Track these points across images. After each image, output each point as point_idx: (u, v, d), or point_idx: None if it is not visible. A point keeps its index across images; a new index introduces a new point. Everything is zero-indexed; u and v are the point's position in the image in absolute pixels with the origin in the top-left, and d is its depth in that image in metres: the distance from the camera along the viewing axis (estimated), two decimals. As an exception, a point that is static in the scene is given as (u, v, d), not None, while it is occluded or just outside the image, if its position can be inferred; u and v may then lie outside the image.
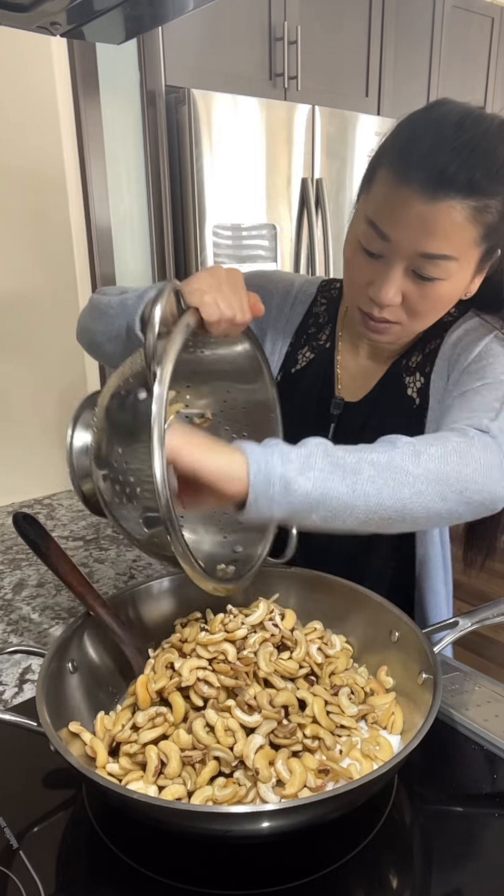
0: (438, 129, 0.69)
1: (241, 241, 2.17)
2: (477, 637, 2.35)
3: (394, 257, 0.72)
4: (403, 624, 0.68)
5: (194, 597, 0.76)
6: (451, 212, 0.68)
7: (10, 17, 0.82)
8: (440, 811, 0.59)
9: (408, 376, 0.90)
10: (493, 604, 0.70)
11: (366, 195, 0.76)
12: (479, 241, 0.71)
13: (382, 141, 0.74)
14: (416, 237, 0.69)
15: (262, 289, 0.90)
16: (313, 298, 0.95)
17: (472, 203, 0.68)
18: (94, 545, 1.12)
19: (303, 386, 0.92)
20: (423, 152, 0.68)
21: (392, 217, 0.70)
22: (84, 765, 0.49)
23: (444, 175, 0.66)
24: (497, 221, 0.71)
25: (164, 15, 0.85)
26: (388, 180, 0.71)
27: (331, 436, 0.90)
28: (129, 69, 1.95)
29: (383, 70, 2.63)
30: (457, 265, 0.71)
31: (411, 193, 0.68)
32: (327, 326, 0.94)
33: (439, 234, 0.69)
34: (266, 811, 0.47)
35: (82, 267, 1.99)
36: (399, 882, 0.53)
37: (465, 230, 0.69)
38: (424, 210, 0.68)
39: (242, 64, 2.16)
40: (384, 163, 0.72)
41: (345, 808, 0.51)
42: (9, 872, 0.52)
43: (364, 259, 0.75)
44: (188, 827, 0.49)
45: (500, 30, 3.12)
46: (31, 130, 1.91)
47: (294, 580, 0.77)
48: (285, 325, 0.94)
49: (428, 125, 0.70)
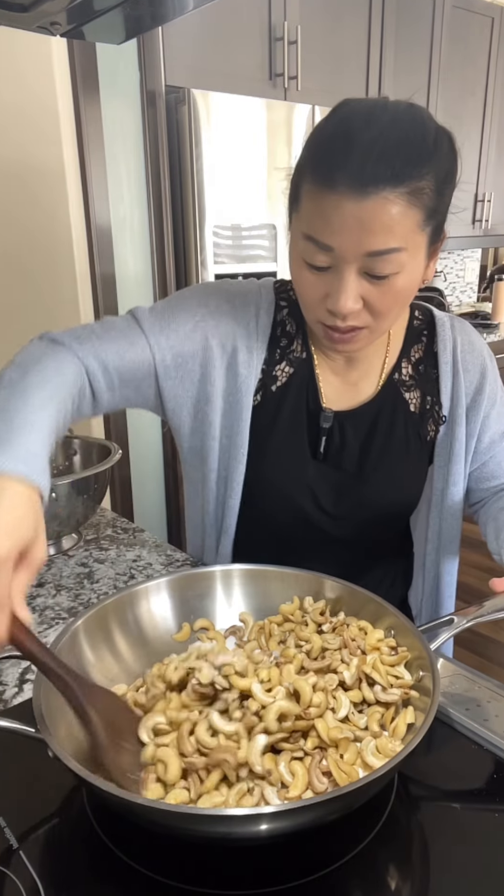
0: (347, 129, 0.68)
1: (241, 241, 2.17)
2: (477, 637, 2.35)
3: (342, 265, 0.71)
4: (400, 622, 0.68)
5: (192, 597, 0.77)
6: (385, 204, 0.67)
7: (10, 17, 0.82)
8: (440, 811, 0.59)
9: (405, 391, 0.91)
10: (489, 601, 0.70)
11: (296, 214, 0.75)
12: (422, 224, 0.70)
13: (298, 158, 0.74)
14: (358, 239, 0.68)
15: (217, 308, 0.88)
16: (275, 304, 0.91)
17: (404, 190, 0.67)
18: (94, 545, 1.12)
19: (288, 403, 0.89)
20: (340, 155, 0.67)
21: (328, 226, 0.69)
22: (84, 769, 0.49)
23: (366, 172, 0.66)
24: (434, 200, 0.70)
25: (164, 15, 0.85)
26: (314, 192, 0.70)
27: (322, 448, 0.90)
28: (129, 69, 1.95)
29: (383, 70, 2.63)
30: (407, 255, 0.71)
31: (340, 198, 0.67)
32: (298, 335, 0.90)
33: (380, 230, 0.68)
34: (267, 813, 0.47)
35: (82, 267, 1.99)
36: (399, 882, 0.53)
37: (406, 218, 0.68)
38: (358, 210, 0.67)
39: (242, 64, 2.16)
40: (305, 177, 0.71)
41: (345, 809, 0.51)
42: (9, 872, 0.52)
43: (313, 275, 0.74)
44: (188, 830, 0.49)
45: (500, 30, 3.13)
46: (32, 130, 1.91)
47: (291, 580, 0.77)
48: (256, 343, 0.88)
49: (336, 129, 0.70)
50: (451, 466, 0.92)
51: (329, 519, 0.92)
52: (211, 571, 0.78)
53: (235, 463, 0.90)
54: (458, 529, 0.97)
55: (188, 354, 0.86)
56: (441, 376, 0.91)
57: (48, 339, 0.83)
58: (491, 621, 0.70)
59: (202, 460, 0.93)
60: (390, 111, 0.69)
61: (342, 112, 0.71)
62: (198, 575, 0.78)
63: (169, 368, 0.86)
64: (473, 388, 0.91)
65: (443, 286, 3.88)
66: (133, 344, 0.84)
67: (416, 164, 0.67)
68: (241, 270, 2.20)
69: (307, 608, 0.74)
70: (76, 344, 0.82)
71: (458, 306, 4.12)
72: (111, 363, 0.83)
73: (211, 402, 0.88)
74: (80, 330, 0.85)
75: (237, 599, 0.78)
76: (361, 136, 0.66)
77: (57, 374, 0.75)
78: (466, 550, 1.09)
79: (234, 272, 2.20)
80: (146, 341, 0.85)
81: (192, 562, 1.04)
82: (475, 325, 3.43)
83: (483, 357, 0.93)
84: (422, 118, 0.70)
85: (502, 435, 0.94)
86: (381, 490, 0.90)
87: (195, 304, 0.88)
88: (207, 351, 0.86)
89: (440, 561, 0.98)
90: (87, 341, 0.83)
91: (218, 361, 0.87)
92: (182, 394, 0.88)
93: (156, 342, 0.85)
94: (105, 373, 0.83)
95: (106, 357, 0.83)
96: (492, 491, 0.96)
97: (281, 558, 0.80)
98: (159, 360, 0.85)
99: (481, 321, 3.50)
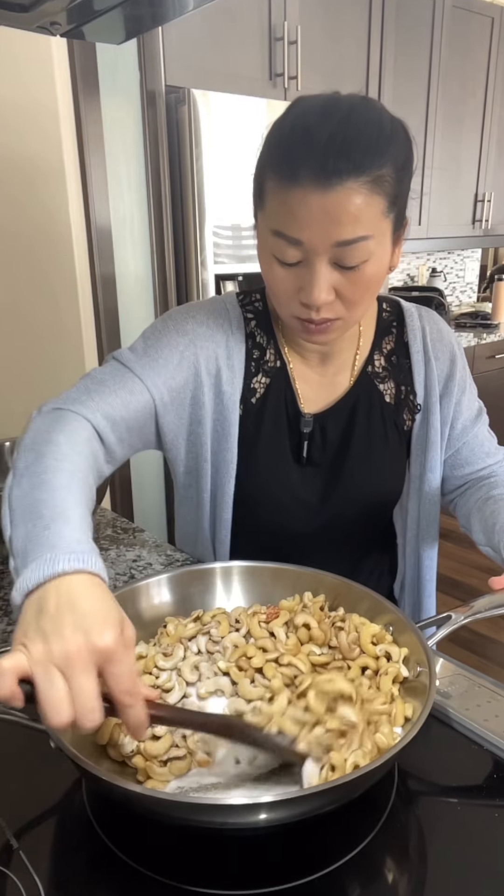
0: (305, 124, 0.69)
1: (241, 241, 2.17)
2: (477, 637, 2.35)
3: (312, 257, 0.72)
4: (397, 618, 0.68)
5: (193, 593, 0.77)
6: (349, 194, 0.68)
7: (10, 17, 0.82)
8: (440, 811, 0.59)
9: (378, 382, 0.92)
10: (485, 598, 0.70)
11: (262, 212, 0.76)
12: (385, 211, 0.72)
13: (258, 156, 0.75)
14: (326, 230, 0.70)
15: (195, 333, 0.87)
16: (243, 318, 0.91)
17: (366, 179, 0.68)
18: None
19: (269, 413, 0.90)
20: (302, 151, 0.68)
21: (296, 220, 0.70)
22: (83, 758, 0.49)
23: (329, 165, 0.67)
24: (395, 187, 0.71)
25: (164, 15, 0.85)
26: (277, 189, 0.71)
27: (305, 452, 0.91)
28: (129, 69, 1.95)
29: (383, 70, 2.63)
30: (374, 242, 0.72)
31: (305, 192, 0.68)
32: (269, 345, 0.91)
33: (347, 220, 0.69)
34: (263, 803, 0.47)
35: (82, 267, 1.99)
36: (399, 882, 0.53)
37: (370, 206, 0.70)
38: (323, 202, 0.68)
39: (242, 64, 2.16)
40: (268, 174, 0.73)
41: (342, 800, 0.51)
42: (8, 872, 0.52)
43: (284, 270, 0.75)
44: (185, 819, 0.49)
45: (500, 30, 3.13)
46: (32, 130, 1.91)
47: (290, 577, 0.77)
48: (235, 359, 0.89)
49: (294, 125, 0.71)
50: (427, 454, 0.94)
51: (316, 518, 0.93)
52: (211, 568, 0.78)
53: (226, 479, 0.91)
54: (437, 515, 0.99)
55: (180, 386, 0.87)
56: (413, 365, 0.93)
57: (49, 410, 0.78)
58: (490, 620, 0.70)
59: (196, 479, 0.94)
60: (345, 104, 0.70)
61: (299, 108, 0.72)
62: (198, 572, 0.78)
63: (167, 405, 0.87)
64: (444, 375, 0.93)
65: (443, 286, 3.87)
66: (132, 392, 0.83)
67: (375, 154, 0.68)
68: (241, 270, 2.20)
69: (307, 603, 0.74)
70: (80, 407, 0.79)
71: (458, 306, 4.12)
72: (118, 416, 0.81)
73: (202, 424, 0.89)
74: (75, 393, 0.81)
75: (237, 595, 0.78)
76: (320, 130, 0.68)
77: (71, 447, 0.71)
78: (466, 550, 1.10)
79: (234, 272, 2.20)
80: (143, 385, 0.84)
81: (192, 561, 1.04)
82: (475, 325, 3.43)
83: (451, 344, 0.95)
84: (376, 109, 0.71)
85: (473, 421, 0.97)
86: (365, 483, 0.92)
87: (175, 335, 0.87)
88: (196, 378, 0.88)
89: (420, 547, 1.00)
90: (88, 401, 0.80)
91: (206, 386, 0.88)
92: (178, 423, 0.89)
93: (152, 383, 0.84)
94: (114, 428, 0.81)
95: (112, 412, 0.81)
96: (467, 478, 0.98)
97: (274, 558, 0.80)
98: (158, 400, 0.85)
99: (481, 321, 3.49)
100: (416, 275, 3.86)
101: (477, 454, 0.97)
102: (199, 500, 0.95)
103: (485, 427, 0.99)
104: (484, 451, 0.97)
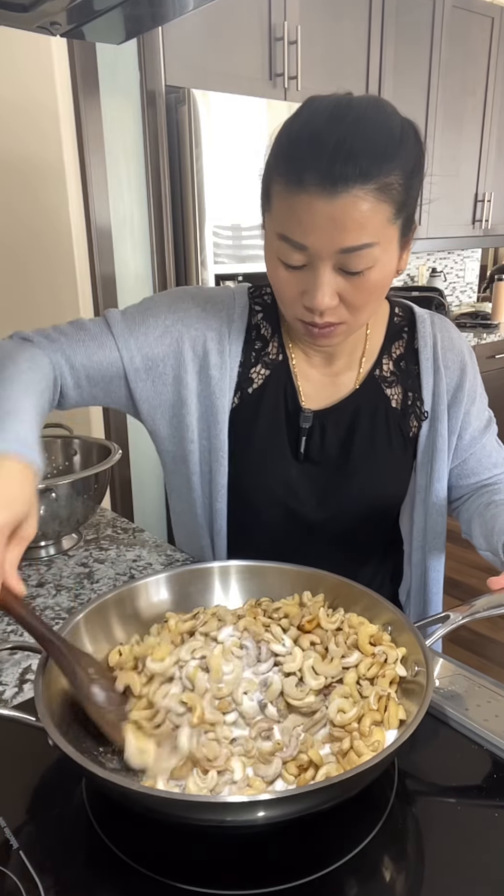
0: (313, 128, 0.68)
1: (241, 241, 2.17)
2: (477, 637, 2.35)
3: (317, 262, 0.72)
4: (396, 618, 0.68)
5: (192, 592, 0.77)
6: (356, 202, 0.67)
7: (10, 17, 0.83)
8: (440, 811, 0.59)
9: (386, 387, 0.92)
10: (484, 598, 0.70)
11: (268, 213, 0.76)
12: (392, 218, 0.71)
13: (266, 158, 0.74)
14: (331, 236, 0.69)
15: (186, 313, 0.89)
16: (249, 309, 0.92)
17: (373, 186, 0.67)
18: (94, 545, 1.12)
19: (266, 405, 0.90)
20: (309, 156, 0.67)
21: (301, 225, 0.70)
22: (82, 757, 0.49)
23: (335, 172, 0.66)
24: (403, 194, 0.70)
25: (164, 15, 0.85)
26: (284, 193, 0.70)
27: (303, 448, 0.90)
28: (129, 69, 1.95)
29: (383, 70, 2.63)
30: (380, 249, 0.71)
31: (311, 198, 0.68)
32: (274, 338, 0.91)
33: (352, 226, 0.68)
34: (261, 800, 0.47)
35: (82, 267, 1.99)
36: (399, 882, 0.53)
37: (377, 213, 0.69)
38: (329, 208, 0.67)
39: (242, 64, 2.16)
40: (275, 177, 0.72)
41: (339, 797, 0.51)
42: (8, 872, 0.52)
43: (289, 273, 0.75)
44: (184, 817, 0.49)
45: (500, 30, 3.13)
46: (31, 130, 1.92)
47: (289, 576, 0.77)
48: (229, 346, 0.89)
49: (302, 128, 0.70)
50: (434, 463, 0.93)
51: (315, 517, 0.92)
52: (209, 567, 0.78)
53: (217, 465, 0.91)
54: (444, 526, 0.98)
55: (158, 358, 0.89)
56: (422, 373, 0.92)
57: (18, 338, 0.88)
58: (490, 620, 0.70)
59: (183, 463, 0.94)
60: (355, 108, 0.69)
61: (308, 111, 0.71)
62: (197, 571, 0.78)
63: (139, 371, 0.89)
64: (454, 384, 0.93)
65: (443, 286, 3.87)
66: (102, 346, 0.88)
67: (383, 161, 0.67)
68: (241, 270, 2.20)
69: (306, 602, 0.74)
70: (46, 342, 0.87)
71: (457, 306, 4.12)
72: (78, 362, 0.87)
73: (186, 406, 0.90)
74: (50, 330, 0.89)
75: (235, 595, 0.78)
76: (328, 135, 0.67)
77: (31, 366, 0.79)
78: (466, 550, 1.10)
79: (234, 272, 2.20)
80: (115, 343, 0.88)
81: (192, 561, 1.04)
82: (475, 325, 3.43)
83: (463, 354, 0.94)
84: (386, 113, 0.70)
85: (482, 431, 0.96)
86: (365, 485, 0.91)
87: (165, 309, 0.90)
88: (179, 355, 0.89)
89: (426, 557, 0.99)
90: (56, 340, 0.87)
91: (190, 365, 0.89)
92: (155, 397, 0.91)
93: (124, 345, 0.88)
94: (72, 370, 0.87)
95: (74, 356, 0.87)
96: (471, 488, 0.97)
97: (275, 558, 0.80)
98: (128, 362, 0.88)
99: (481, 321, 3.49)
100: (416, 275, 3.86)
101: (484, 465, 0.96)
102: (189, 487, 0.95)
103: (493, 438, 0.98)
104: (491, 461, 0.96)
